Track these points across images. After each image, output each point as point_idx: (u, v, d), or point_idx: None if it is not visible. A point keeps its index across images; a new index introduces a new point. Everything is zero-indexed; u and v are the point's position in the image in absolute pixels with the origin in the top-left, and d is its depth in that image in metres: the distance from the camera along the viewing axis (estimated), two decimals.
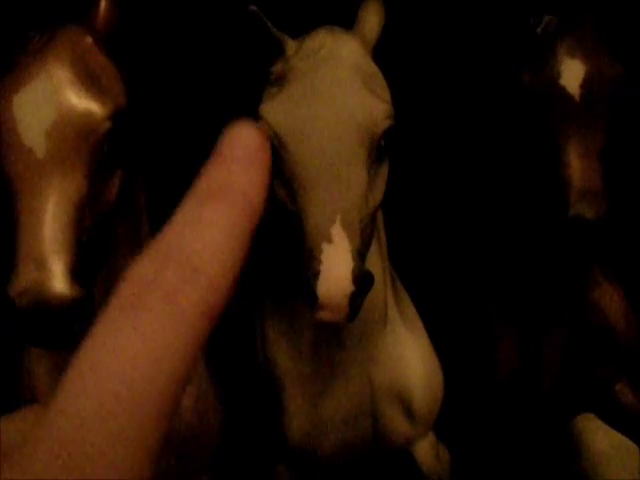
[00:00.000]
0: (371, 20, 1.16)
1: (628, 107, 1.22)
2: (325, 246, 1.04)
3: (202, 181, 0.29)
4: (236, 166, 0.29)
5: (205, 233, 0.27)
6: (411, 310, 1.43)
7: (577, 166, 1.16)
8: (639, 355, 1.47)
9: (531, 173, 1.24)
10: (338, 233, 1.04)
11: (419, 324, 1.42)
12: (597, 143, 1.18)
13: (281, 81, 1.12)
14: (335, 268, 1.03)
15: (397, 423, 1.39)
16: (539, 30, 1.22)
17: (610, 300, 1.43)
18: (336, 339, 1.32)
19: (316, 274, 1.03)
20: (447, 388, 1.42)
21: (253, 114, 1.12)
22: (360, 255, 1.07)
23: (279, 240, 1.30)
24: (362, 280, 1.05)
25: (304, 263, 1.06)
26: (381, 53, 1.18)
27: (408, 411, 1.39)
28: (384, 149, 1.11)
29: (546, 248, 1.30)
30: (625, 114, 1.22)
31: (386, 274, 1.34)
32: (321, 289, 1.03)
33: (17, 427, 0.31)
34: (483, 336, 1.49)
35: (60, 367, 1.23)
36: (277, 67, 1.14)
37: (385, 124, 1.09)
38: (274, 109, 1.10)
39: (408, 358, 1.38)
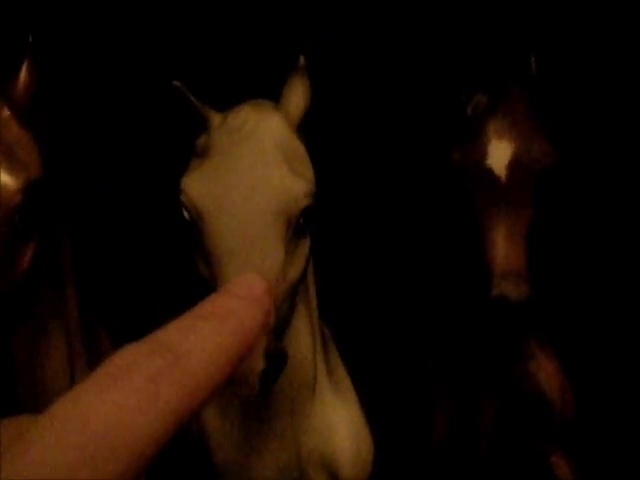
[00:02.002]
0: (296, 96, 1.16)
1: (558, 183, 1.21)
2: None
3: (204, 303, 0.31)
4: (239, 301, 0.32)
5: (194, 339, 0.28)
6: (342, 375, 1.42)
7: (501, 247, 1.16)
8: (574, 427, 1.46)
9: (458, 251, 1.24)
10: None
11: (350, 389, 1.41)
12: (523, 223, 1.17)
13: (204, 154, 1.12)
14: None
15: None
16: (469, 109, 1.22)
17: (545, 372, 1.42)
18: (264, 405, 1.32)
19: None
20: (382, 453, 1.42)
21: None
22: (275, 332, 1.07)
23: None
24: (275, 358, 1.05)
25: None
26: (313, 128, 1.19)
27: (335, 478, 1.38)
28: (304, 226, 1.11)
29: (477, 322, 1.30)
30: (555, 191, 1.21)
31: (316, 340, 1.34)
32: None
33: None
34: (420, 403, 1.49)
35: None
36: (201, 140, 1.15)
37: (304, 202, 1.09)
38: (194, 182, 1.10)
39: (336, 426, 1.37)
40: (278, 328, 1.08)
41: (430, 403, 1.47)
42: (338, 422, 1.37)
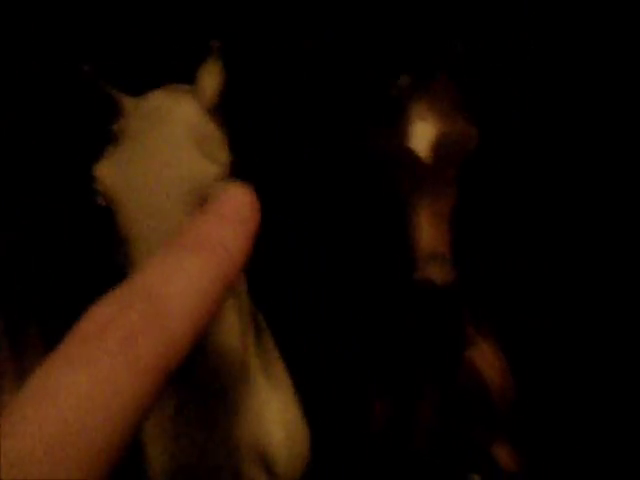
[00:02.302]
0: (210, 79, 1.14)
1: (484, 165, 1.20)
2: None
3: (184, 232, 0.29)
4: (222, 221, 0.29)
5: (176, 279, 0.26)
6: (277, 364, 1.40)
7: (425, 230, 1.14)
8: (518, 414, 1.44)
9: (383, 236, 1.22)
10: None
11: (285, 380, 1.39)
12: (446, 206, 1.16)
13: (117, 141, 1.11)
14: None
15: None
16: (393, 90, 1.20)
17: (485, 360, 1.40)
18: (196, 397, 1.30)
19: None
20: (321, 446, 1.39)
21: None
22: None
23: None
24: None
25: None
26: (233, 112, 1.17)
27: (270, 471, 1.36)
28: None
29: (409, 309, 1.28)
30: (481, 173, 1.20)
31: (246, 328, 1.32)
32: None
33: None
34: (358, 394, 1.47)
35: None
36: (115, 126, 1.13)
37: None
38: (106, 169, 1.08)
39: (269, 417, 1.35)
40: None
41: (368, 393, 1.45)
42: (271, 414, 1.34)
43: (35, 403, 0.23)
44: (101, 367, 0.23)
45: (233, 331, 1.29)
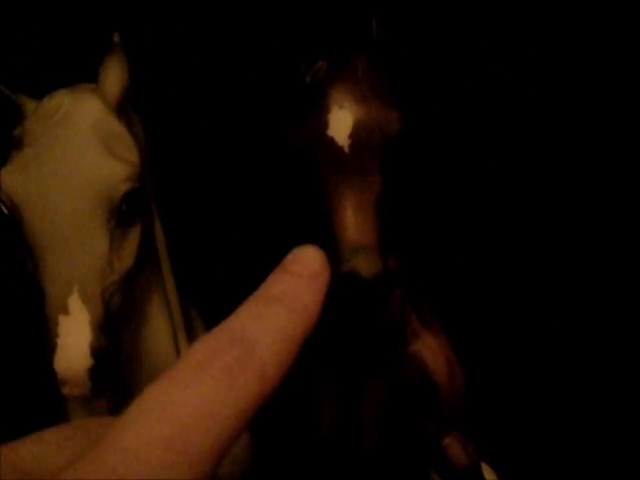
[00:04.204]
0: (113, 76, 1.11)
1: (409, 150, 1.15)
2: (62, 318, 0.99)
3: (266, 287, 0.32)
4: (299, 280, 0.32)
5: (264, 325, 0.30)
6: None
7: (350, 220, 1.10)
8: (468, 406, 1.40)
9: (307, 231, 1.18)
10: (75, 304, 0.99)
11: None
12: (371, 194, 1.11)
13: (20, 145, 1.07)
14: (71, 342, 0.99)
15: None
16: (308, 78, 1.16)
17: (430, 351, 1.36)
18: (127, 404, 1.26)
19: (53, 348, 0.99)
20: (268, 446, 1.36)
21: None
22: (105, 326, 1.02)
23: None
24: (105, 353, 1.01)
25: (47, 336, 1.02)
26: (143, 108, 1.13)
27: None
28: (130, 212, 1.06)
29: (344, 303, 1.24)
30: (408, 158, 1.15)
31: (178, 332, 1.29)
32: (57, 364, 0.99)
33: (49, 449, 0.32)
34: (304, 396, 1.42)
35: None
36: (17, 131, 1.10)
37: (124, 187, 1.04)
38: (10, 175, 1.05)
39: None
40: (107, 322, 1.03)
41: (313, 391, 1.41)
42: None
43: (152, 410, 0.26)
44: (207, 388, 0.27)
45: (164, 338, 1.25)
